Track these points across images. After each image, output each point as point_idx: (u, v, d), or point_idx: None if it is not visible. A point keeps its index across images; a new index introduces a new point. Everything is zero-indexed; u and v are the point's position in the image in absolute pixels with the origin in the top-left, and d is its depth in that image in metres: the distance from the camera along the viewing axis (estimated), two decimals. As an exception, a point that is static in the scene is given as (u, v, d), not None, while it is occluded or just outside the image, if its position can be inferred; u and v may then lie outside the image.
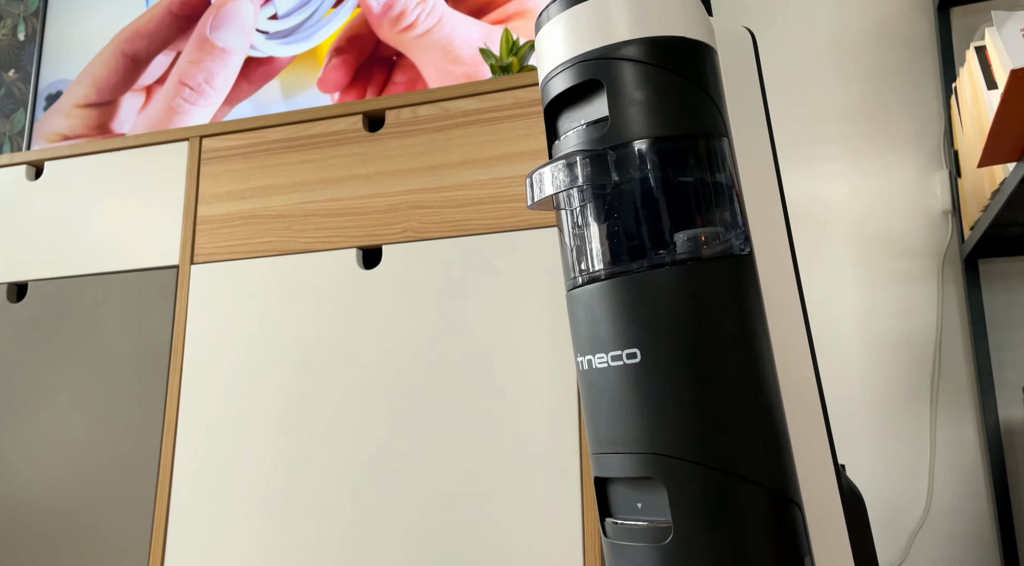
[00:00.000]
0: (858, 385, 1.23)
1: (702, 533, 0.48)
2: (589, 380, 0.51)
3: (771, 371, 0.51)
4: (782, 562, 0.49)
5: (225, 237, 1.09)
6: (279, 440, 1.00)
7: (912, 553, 1.15)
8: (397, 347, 0.98)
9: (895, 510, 1.17)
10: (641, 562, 0.49)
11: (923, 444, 1.18)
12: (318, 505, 0.96)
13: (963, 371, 1.19)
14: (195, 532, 1.01)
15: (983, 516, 1.14)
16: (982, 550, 1.12)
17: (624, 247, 0.51)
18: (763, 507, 0.49)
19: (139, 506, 1.04)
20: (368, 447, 0.96)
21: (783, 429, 0.51)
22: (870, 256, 1.26)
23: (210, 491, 1.01)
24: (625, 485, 0.51)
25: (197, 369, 1.06)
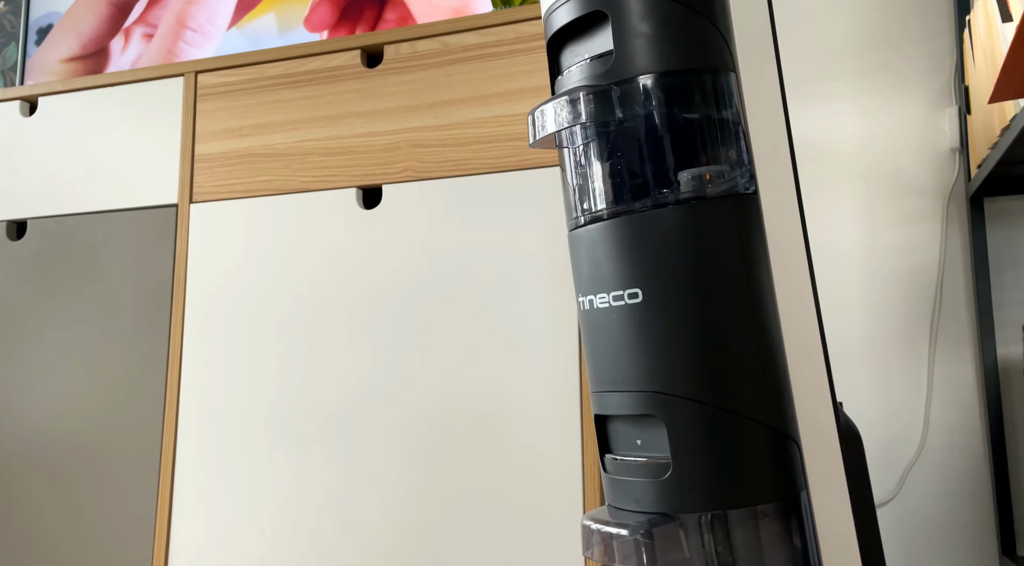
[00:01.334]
0: (858, 323, 1.23)
1: (700, 469, 0.49)
2: (590, 320, 0.51)
3: (772, 310, 0.51)
4: (778, 497, 0.50)
5: (224, 176, 1.08)
6: (282, 372, 1.01)
7: (905, 487, 1.17)
8: (398, 287, 0.98)
9: (890, 445, 1.19)
10: (640, 497, 0.50)
11: (920, 381, 1.19)
12: (325, 431, 0.98)
13: (963, 310, 1.19)
14: (204, 460, 1.03)
15: (977, 452, 1.16)
16: (974, 485, 1.15)
17: (627, 186, 0.50)
18: (761, 444, 0.49)
19: (146, 438, 1.05)
20: (370, 380, 0.97)
21: (783, 367, 0.51)
22: (875, 194, 1.25)
23: (217, 422, 1.03)
24: (625, 422, 0.51)
25: (200, 306, 1.06)
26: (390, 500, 0.94)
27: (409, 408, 0.95)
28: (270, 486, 0.99)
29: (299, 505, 0.97)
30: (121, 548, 1.04)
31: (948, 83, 1.23)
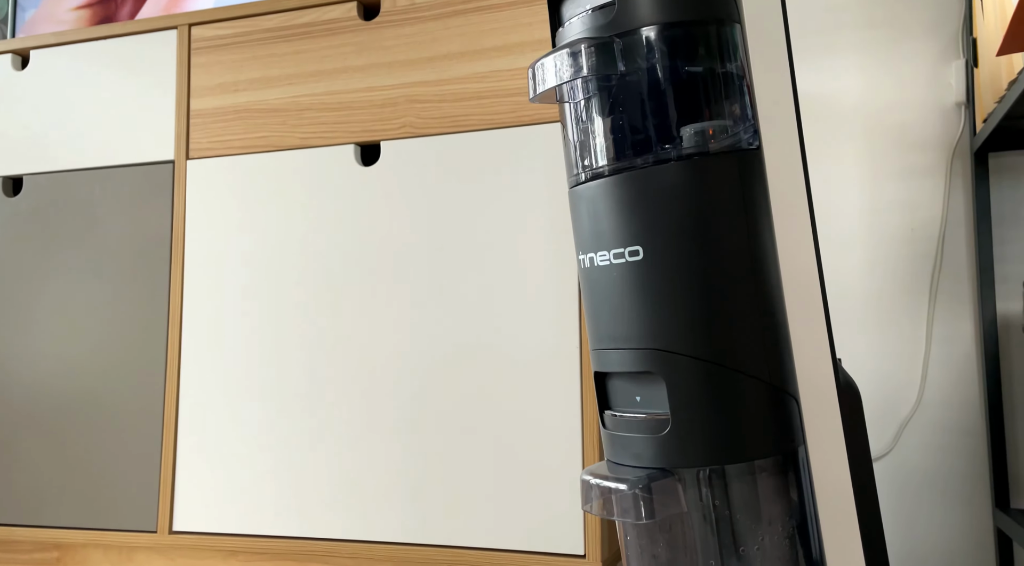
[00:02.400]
0: (858, 278, 1.23)
1: (699, 425, 0.49)
2: (590, 278, 0.51)
3: (774, 267, 0.50)
4: (776, 452, 0.51)
5: (220, 132, 1.07)
6: (282, 325, 1.01)
7: (901, 441, 1.19)
8: (396, 245, 0.97)
9: (887, 400, 1.20)
10: (639, 452, 0.50)
11: (919, 337, 1.19)
12: (326, 379, 0.98)
13: (964, 266, 1.19)
14: (206, 412, 1.03)
15: (973, 406, 1.17)
16: (970, 439, 1.16)
17: (629, 142, 0.50)
18: (760, 400, 0.50)
19: (149, 392, 1.06)
20: (367, 335, 0.97)
21: (783, 324, 0.51)
22: (878, 149, 1.24)
23: (218, 374, 1.04)
24: (624, 379, 0.52)
25: (198, 263, 1.06)
26: (391, 449, 0.95)
27: (407, 363, 0.95)
28: (273, 434, 1.00)
29: (303, 453, 0.98)
30: (127, 498, 1.05)
31: (955, 35, 1.21)
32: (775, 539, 0.51)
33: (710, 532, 0.50)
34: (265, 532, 0.99)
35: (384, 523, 0.94)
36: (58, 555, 1.12)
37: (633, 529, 0.53)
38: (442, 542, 0.91)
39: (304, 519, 0.97)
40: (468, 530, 0.91)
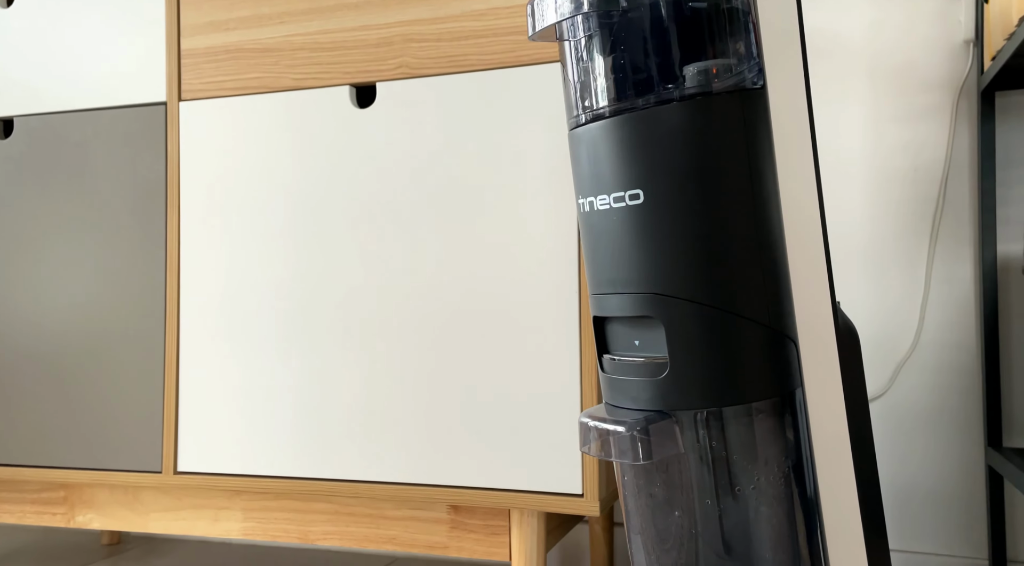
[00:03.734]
0: (859, 221, 1.22)
1: (697, 368, 0.49)
2: (590, 222, 0.51)
3: (776, 210, 0.50)
4: (774, 394, 0.51)
5: (212, 72, 1.04)
6: (280, 270, 1.01)
7: (897, 382, 1.20)
8: (394, 188, 0.96)
9: (884, 342, 1.21)
10: (637, 395, 0.50)
11: (918, 279, 1.20)
12: (325, 327, 0.99)
13: (966, 208, 1.18)
14: (207, 357, 1.04)
15: (970, 348, 1.17)
16: (965, 380, 1.17)
17: (630, 81, 0.49)
18: (758, 343, 0.50)
19: (149, 337, 1.07)
20: (365, 279, 0.97)
21: (784, 268, 0.51)
22: (883, 89, 1.22)
23: (218, 318, 1.04)
24: (623, 323, 0.52)
25: (195, 207, 1.05)
26: (391, 392, 0.96)
27: (405, 305, 0.95)
28: (273, 376, 1.01)
29: (303, 395, 0.99)
30: (131, 440, 1.07)
31: (967, -31, 1.18)
32: (771, 479, 0.52)
33: (706, 472, 0.51)
34: (268, 472, 1.00)
35: (385, 463, 0.95)
36: (64, 494, 1.14)
37: (631, 469, 0.53)
38: (442, 482, 0.93)
39: (306, 460, 0.99)
40: (468, 470, 0.92)
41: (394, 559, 1.45)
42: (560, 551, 1.37)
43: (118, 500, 1.11)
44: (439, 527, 0.96)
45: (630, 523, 0.55)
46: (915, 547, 1.19)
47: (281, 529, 1.03)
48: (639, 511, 0.54)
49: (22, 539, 1.61)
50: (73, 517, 1.13)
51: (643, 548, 0.55)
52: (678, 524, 0.53)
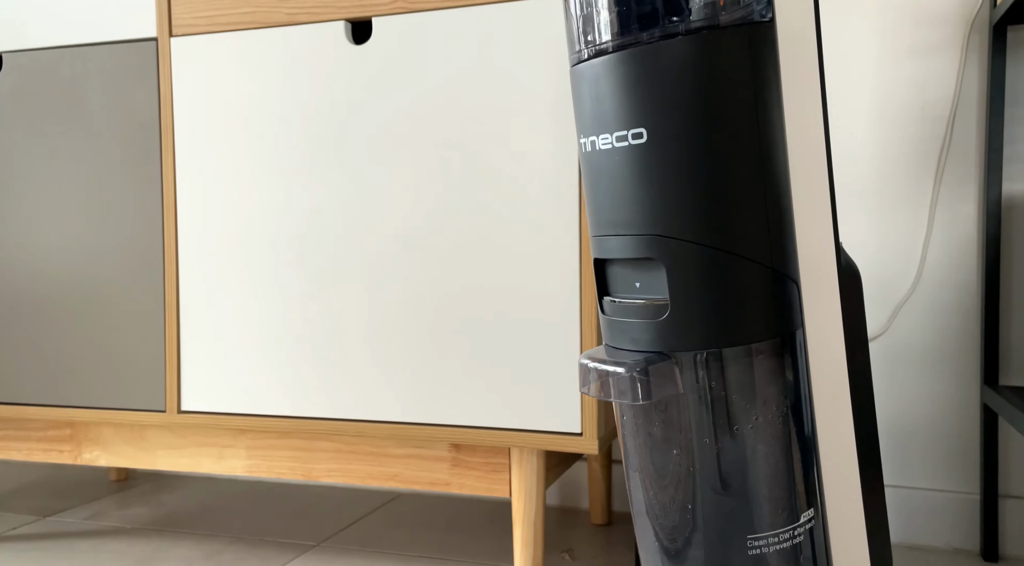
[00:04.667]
0: (864, 160, 1.21)
1: (697, 309, 0.49)
2: (592, 162, 0.50)
3: (781, 148, 0.49)
4: (774, 335, 0.51)
5: (202, 6, 1.01)
6: (278, 205, 1.00)
7: (896, 322, 1.20)
8: (392, 126, 0.95)
9: (884, 282, 1.21)
10: (637, 337, 0.50)
11: (921, 218, 1.19)
12: (323, 258, 0.99)
13: (973, 146, 1.17)
14: (207, 295, 1.04)
15: (970, 287, 1.17)
16: (964, 320, 1.17)
17: (634, 15, 0.47)
18: (760, 284, 0.49)
19: (147, 276, 1.07)
20: (363, 214, 0.96)
21: (787, 207, 0.50)
22: (892, 23, 1.18)
23: (216, 254, 1.04)
24: (624, 266, 0.51)
25: (189, 143, 1.04)
26: (392, 330, 0.96)
27: (404, 244, 0.95)
28: (274, 315, 1.01)
29: (305, 334, 1.00)
30: (135, 379, 1.08)
31: None
32: (769, 418, 0.52)
33: (705, 412, 0.51)
34: (272, 412, 1.01)
35: (388, 403, 0.96)
36: (71, 432, 1.16)
37: (630, 410, 0.54)
38: (443, 421, 0.94)
39: (310, 400, 1.00)
40: (468, 410, 0.93)
41: (397, 495, 1.48)
42: (559, 487, 1.40)
43: (124, 438, 1.13)
44: (441, 465, 0.98)
45: (628, 461, 0.56)
46: (909, 483, 1.21)
47: (285, 466, 1.05)
48: (637, 450, 0.55)
49: (32, 475, 1.65)
50: (80, 454, 1.15)
51: (641, 485, 0.56)
52: (676, 462, 0.53)
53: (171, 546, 1.22)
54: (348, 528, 1.30)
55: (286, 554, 1.18)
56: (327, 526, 1.31)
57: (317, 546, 1.21)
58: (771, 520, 0.52)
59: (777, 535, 0.53)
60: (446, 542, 1.23)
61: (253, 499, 1.47)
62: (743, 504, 0.52)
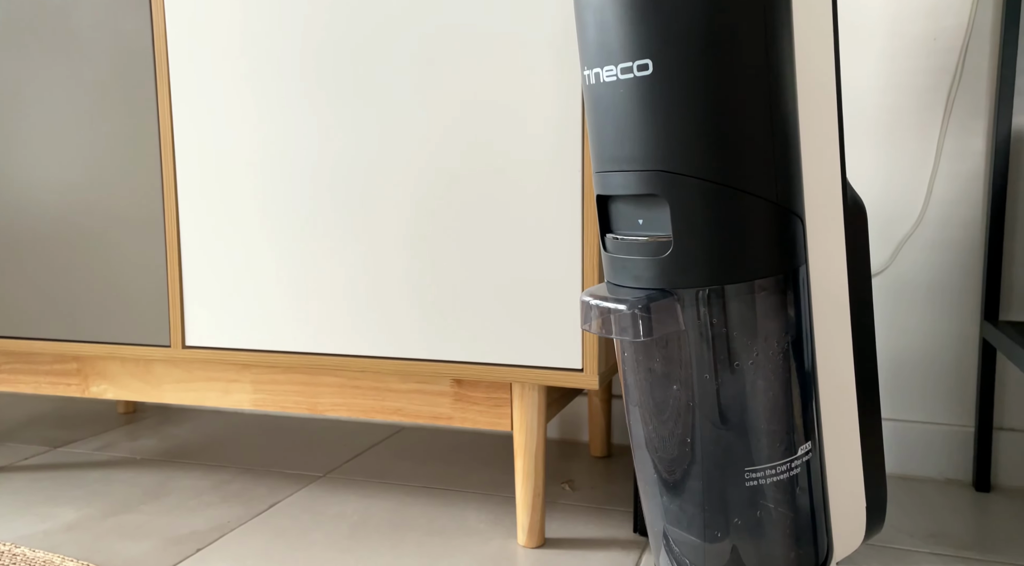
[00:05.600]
0: (872, 89, 1.18)
1: (701, 246, 0.49)
2: (595, 95, 0.49)
3: (790, 81, 0.48)
4: (777, 272, 0.51)
5: (192, -70, 0.98)
6: (275, 139, 0.99)
7: (898, 259, 1.20)
8: (392, 50, 0.92)
9: (888, 218, 1.20)
10: (639, 274, 0.50)
11: (928, 153, 1.17)
12: (326, 187, 0.98)
13: (984, 78, 1.14)
14: (208, 229, 1.04)
15: (974, 223, 1.17)
16: (967, 256, 1.17)
17: (640, -61, 0.45)
18: (764, 220, 0.49)
19: (146, 209, 1.06)
20: (365, 139, 0.95)
21: (795, 142, 0.49)
22: (909, -52, 1.14)
23: (216, 188, 1.03)
24: (627, 202, 0.51)
25: (183, 73, 1.02)
26: (395, 266, 0.96)
27: (408, 175, 0.94)
28: (277, 249, 1.01)
29: (308, 269, 1.00)
30: (139, 314, 1.08)
31: None
32: (769, 354, 0.53)
33: (706, 348, 0.51)
34: (275, 347, 1.02)
35: (391, 339, 0.97)
36: (78, 366, 1.17)
37: (631, 346, 0.54)
38: (446, 357, 0.95)
39: (313, 336, 1.00)
40: (471, 346, 0.94)
41: (400, 429, 1.51)
42: (560, 421, 1.42)
43: (130, 372, 1.14)
44: (443, 399, 0.99)
45: (629, 396, 0.56)
46: (905, 416, 1.23)
47: (291, 400, 1.06)
48: (638, 385, 0.55)
49: (42, 407, 1.67)
50: (87, 388, 1.16)
51: (641, 419, 0.56)
52: (676, 397, 0.54)
53: (180, 476, 1.25)
54: (353, 460, 1.32)
55: (293, 484, 1.21)
56: (333, 458, 1.33)
57: (323, 477, 1.24)
58: (768, 453, 0.53)
59: (774, 467, 0.54)
60: (449, 473, 1.25)
61: (260, 431, 1.50)
62: (741, 437, 0.53)
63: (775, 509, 0.54)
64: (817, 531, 0.56)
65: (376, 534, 1.03)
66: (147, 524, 1.06)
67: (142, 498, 1.16)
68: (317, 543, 1.00)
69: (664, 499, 0.56)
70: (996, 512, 1.09)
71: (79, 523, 1.07)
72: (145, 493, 1.18)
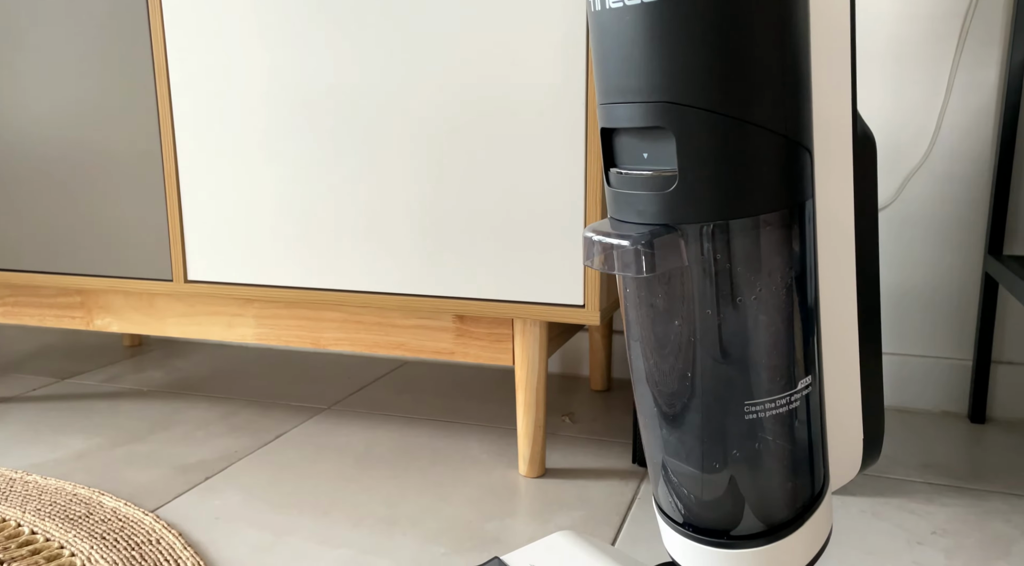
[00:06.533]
0: (884, 17, 1.15)
1: (706, 180, 0.48)
2: (600, 22, 0.47)
3: (803, 10, 0.46)
4: (783, 206, 0.50)
5: None
6: (276, 68, 0.97)
7: (904, 194, 1.19)
8: (390, -18, 0.90)
9: (896, 150, 1.18)
10: (643, 209, 0.49)
11: (940, 84, 1.14)
12: (330, 127, 0.97)
13: (1000, 6, 1.10)
14: (207, 163, 1.03)
15: (983, 157, 1.15)
16: (973, 191, 1.16)
17: None
18: (772, 153, 0.48)
19: (144, 143, 1.05)
20: (367, 75, 0.93)
21: (806, 72, 0.48)
22: None
23: (215, 122, 1.01)
24: (632, 135, 0.49)
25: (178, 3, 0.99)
26: (397, 202, 0.95)
27: (410, 111, 0.92)
28: (279, 184, 1.00)
29: (312, 203, 0.99)
30: (140, 249, 1.08)
31: None
32: (773, 290, 0.52)
33: (709, 284, 0.51)
34: (278, 283, 1.02)
35: (393, 275, 0.97)
36: (81, 299, 1.17)
37: (633, 282, 0.54)
38: (447, 293, 0.95)
39: (316, 272, 1.00)
40: (473, 282, 0.94)
41: (403, 363, 1.52)
42: (561, 356, 1.43)
43: (133, 306, 1.15)
44: (445, 335, 0.99)
45: (630, 331, 0.56)
46: (904, 350, 1.24)
47: (293, 335, 1.07)
48: (639, 321, 0.55)
49: (49, 340, 1.69)
50: (92, 321, 1.17)
51: (642, 354, 0.56)
52: (677, 332, 0.54)
53: (187, 408, 1.27)
54: (357, 393, 1.34)
55: (299, 416, 1.23)
56: (337, 391, 1.35)
57: (328, 409, 1.26)
58: (768, 387, 0.53)
59: (774, 401, 0.54)
60: (452, 406, 1.27)
61: (264, 365, 1.51)
62: (742, 372, 0.53)
63: (773, 441, 0.55)
64: (814, 463, 0.57)
65: (381, 464, 1.05)
66: (156, 453, 1.08)
67: (150, 428, 1.18)
68: (323, 472, 1.02)
69: (664, 432, 0.56)
70: (990, 443, 1.11)
71: (88, 452, 1.09)
72: (153, 424, 1.20)
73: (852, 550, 0.82)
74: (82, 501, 0.92)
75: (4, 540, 0.82)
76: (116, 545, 0.81)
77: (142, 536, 0.83)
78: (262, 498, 0.94)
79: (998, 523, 0.88)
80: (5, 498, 0.92)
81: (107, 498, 0.93)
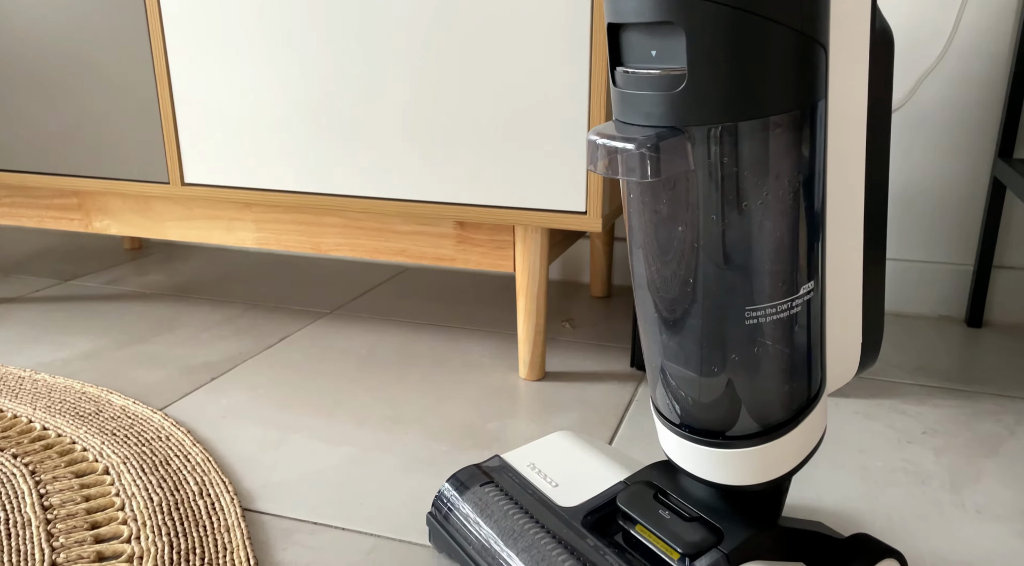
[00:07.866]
0: (910, -91, 1.09)
1: (716, 79, 0.46)
2: (610, -95, 0.44)
3: None
4: (794, 107, 0.48)
5: None
6: (266, -22, 0.92)
7: (916, 95, 1.15)
8: None
9: (911, 48, 1.14)
10: (649, 111, 0.48)
11: (963, -21, 1.09)
12: (327, 24, 0.93)
13: None
14: (199, 65, 1.00)
15: (1000, 57, 1.11)
16: (988, 92, 1.12)
17: None
18: (786, 51, 0.46)
19: (133, 48, 1.01)
20: (363, -14, 0.89)
21: (823, -36, 0.45)
22: None
23: (205, 23, 0.97)
24: (640, 31, 0.47)
25: None
26: (397, 107, 0.93)
27: (411, 9, 0.88)
28: (275, 88, 0.97)
29: (311, 108, 0.97)
30: (136, 151, 1.06)
31: None
32: (779, 194, 0.51)
33: (714, 189, 0.50)
34: (276, 187, 1.01)
35: (393, 181, 0.95)
36: (78, 201, 1.16)
37: (636, 186, 0.53)
38: (448, 199, 0.94)
39: (315, 176, 0.99)
40: (474, 188, 0.92)
41: (404, 269, 1.52)
42: (562, 262, 1.43)
43: (131, 208, 1.14)
44: (446, 241, 0.99)
45: (632, 238, 0.56)
46: (907, 255, 1.23)
47: (294, 240, 1.06)
48: (642, 227, 0.54)
49: (49, 242, 1.69)
50: (90, 223, 1.16)
51: (644, 260, 0.56)
52: (680, 238, 0.53)
53: (191, 310, 1.28)
54: (359, 298, 1.35)
55: (301, 320, 1.24)
56: (338, 296, 1.36)
57: (330, 313, 1.27)
58: (770, 293, 0.53)
59: (775, 306, 0.54)
60: (453, 311, 1.28)
61: (265, 270, 1.51)
62: (744, 278, 0.53)
63: (772, 346, 0.55)
64: (812, 367, 0.57)
65: (384, 366, 1.06)
66: (161, 354, 1.10)
67: (155, 330, 1.19)
68: (327, 374, 1.04)
69: (664, 337, 0.57)
70: (985, 346, 1.13)
71: (95, 352, 1.10)
72: (157, 325, 1.21)
73: (844, 449, 0.84)
74: (91, 399, 0.94)
75: (17, 435, 0.85)
76: (127, 441, 0.84)
77: (151, 433, 0.86)
78: (268, 398, 0.96)
79: (988, 423, 0.90)
80: (15, 396, 0.94)
81: (115, 396, 0.95)
